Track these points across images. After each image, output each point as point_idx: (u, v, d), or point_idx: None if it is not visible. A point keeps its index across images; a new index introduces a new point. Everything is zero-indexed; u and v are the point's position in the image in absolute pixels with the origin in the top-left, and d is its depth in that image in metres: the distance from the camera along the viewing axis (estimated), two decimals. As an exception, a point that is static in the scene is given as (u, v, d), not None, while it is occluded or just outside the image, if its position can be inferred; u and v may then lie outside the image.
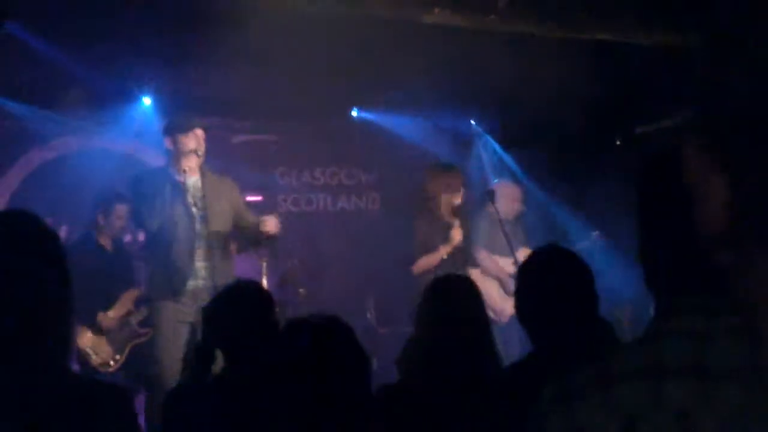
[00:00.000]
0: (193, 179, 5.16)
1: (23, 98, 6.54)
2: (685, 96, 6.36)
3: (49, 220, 2.20)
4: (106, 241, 6.07)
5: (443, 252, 5.91)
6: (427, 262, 5.90)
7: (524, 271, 2.58)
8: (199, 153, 5.16)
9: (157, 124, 6.99)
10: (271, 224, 5.20)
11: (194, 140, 5.15)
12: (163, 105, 6.96)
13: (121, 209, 6.01)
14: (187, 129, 5.17)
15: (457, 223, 5.95)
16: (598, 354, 1.37)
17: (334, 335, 2.15)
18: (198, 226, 5.07)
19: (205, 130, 5.28)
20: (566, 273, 2.46)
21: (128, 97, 6.86)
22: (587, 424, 1.15)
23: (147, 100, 6.99)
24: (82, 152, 7.03)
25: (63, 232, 6.03)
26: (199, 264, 5.06)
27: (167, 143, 5.20)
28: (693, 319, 1.19)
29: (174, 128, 5.22)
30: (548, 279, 2.47)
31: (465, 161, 7.92)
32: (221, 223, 5.16)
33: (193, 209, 5.09)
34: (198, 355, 2.83)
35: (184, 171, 5.10)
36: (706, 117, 1.00)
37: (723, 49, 0.95)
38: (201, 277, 5.06)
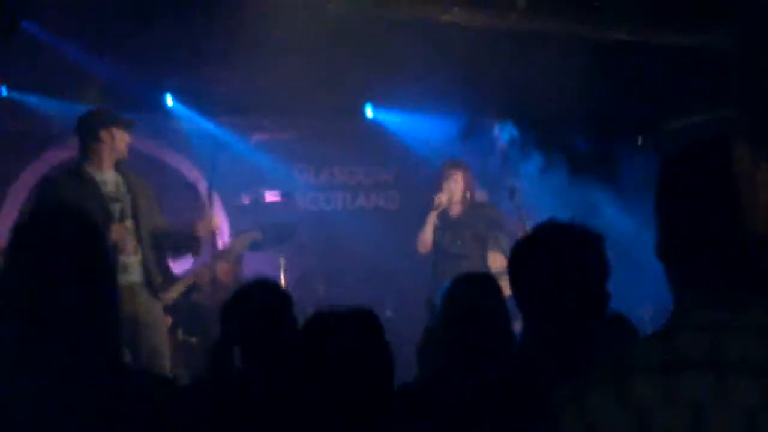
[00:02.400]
0: (112, 174, 4.90)
1: (43, 94, 6.57)
2: (707, 95, 6.34)
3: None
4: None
5: (432, 217, 6.01)
6: (422, 235, 6.04)
7: (520, 248, 2.25)
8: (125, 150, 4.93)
9: (178, 123, 7.02)
10: (204, 227, 5.09)
11: (127, 136, 4.91)
12: (184, 104, 6.99)
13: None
14: (123, 124, 4.91)
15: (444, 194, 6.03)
16: (609, 348, 1.37)
17: (360, 330, 2.12)
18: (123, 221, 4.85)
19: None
20: (567, 252, 2.14)
21: (149, 96, 6.88)
22: (601, 419, 1.16)
23: (169, 100, 7.01)
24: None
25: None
26: (129, 259, 4.85)
27: (103, 136, 4.83)
28: (712, 314, 1.20)
29: (111, 121, 4.88)
30: (544, 258, 2.15)
31: (484, 159, 7.90)
32: (148, 217, 4.96)
33: (114, 204, 4.84)
34: (216, 352, 2.84)
35: (109, 166, 4.87)
36: (748, 116, 1.00)
37: (761, 49, 0.96)
38: (134, 272, 4.86)
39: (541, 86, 6.42)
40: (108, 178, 4.87)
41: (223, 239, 6.18)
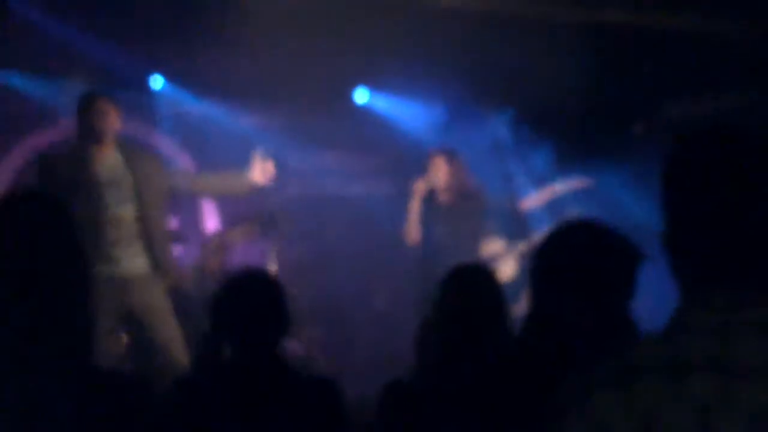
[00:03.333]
0: (111, 155, 4.65)
1: (29, 75, 6.49)
2: (710, 81, 6.30)
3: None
4: None
5: (414, 206, 5.91)
6: (407, 225, 5.93)
7: (544, 245, 2.27)
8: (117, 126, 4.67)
9: (166, 106, 6.93)
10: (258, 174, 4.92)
11: (100, 116, 4.59)
12: (173, 87, 6.90)
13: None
14: (113, 101, 4.64)
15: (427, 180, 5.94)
16: (607, 343, 1.35)
17: None
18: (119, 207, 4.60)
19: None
20: (582, 250, 2.16)
21: (137, 77, 6.79)
22: (607, 420, 1.15)
23: (158, 82, 6.91)
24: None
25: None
26: (124, 250, 4.60)
27: (96, 115, 4.57)
28: (720, 314, 1.18)
29: (103, 100, 4.63)
30: (563, 253, 2.17)
31: (479, 145, 7.85)
32: (154, 198, 4.70)
33: (110, 190, 4.57)
34: (205, 345, 2.77)
35: (107, 146, 4.62)
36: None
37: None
38: (131, 262, 4.62)
39: (539, 72, 6.37)
40: (106, 160, 4.62)
41: (213, 226, 6.10)
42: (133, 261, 4.59)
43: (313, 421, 2.54)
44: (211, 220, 6.60)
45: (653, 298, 2.54)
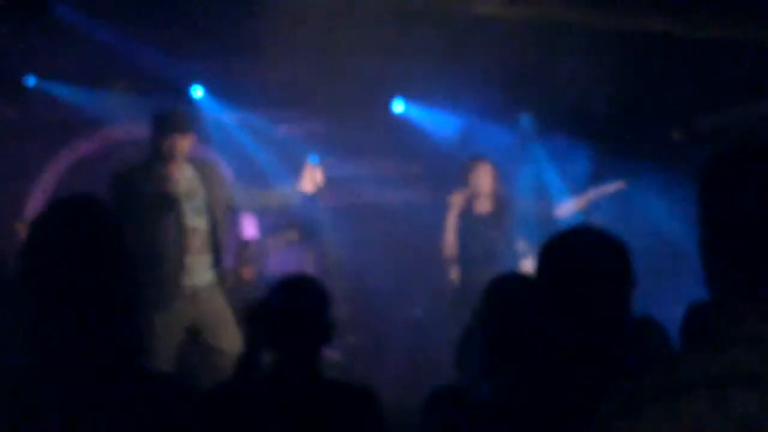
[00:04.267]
0: (185, 170, 4.84)
1: (71, 83, 6.59)
2: (745, 89, 6.24)
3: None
4: None
5: (451, 218, 5.90)
6: (445, 237, 5.92)
7: (546, 251, 2.25)
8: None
9: (205, 114, 7.02)
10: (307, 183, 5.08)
11: (182, 139, 4.76)
12: (212, 96, 6.98)
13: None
14: (186, 121, 4.81)
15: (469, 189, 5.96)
16: (651, 357, 1.34)
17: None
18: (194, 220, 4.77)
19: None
20: (593, 256, 2.14)
21: (178, 86, 6.86)
22: None
23: (198, 91, 6.99)
24: (125, 143, 7.04)
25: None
26: (195, 259, 4.76)
27: (172, 136, 4.74)
28: (762, 326, 1.18)
29: (181, 121, 4.79)
30: (570, 261, 2.16)
31: (514, 154, 7.83)
32: (222, 211, 4.89)
33: (185, 204, 4.75)
34: (248, 352, 2.79)
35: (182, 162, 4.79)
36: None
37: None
38: (199, 273, 4.78)
39: (572, 80, 6.35)
40: (182, 175, 4.81)
41: (250, 234, 6.15)
42: (204, 270, 4.77)
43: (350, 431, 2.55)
44: (249, 228, 6.65)
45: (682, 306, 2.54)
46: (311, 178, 5.12)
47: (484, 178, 5.98)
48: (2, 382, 1.68)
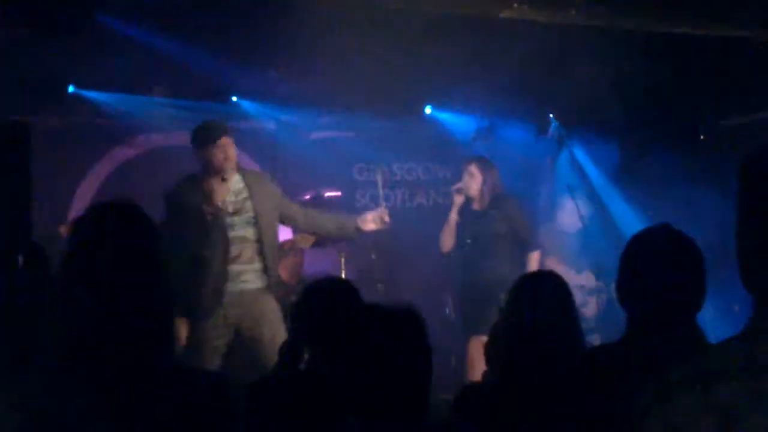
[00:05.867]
0: (234, 182, 4.99)
1: (110, 90, 6.69)
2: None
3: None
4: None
5: (453, 214, 6.05)
6: (442, 234, 6.08)
7: (633, 247, 2.40)
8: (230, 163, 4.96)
9: (239, 120, 7.12)
10: (370, 222, 5.16)
11: (222, 151, 4.90)
12: (250, 102, 7.07)
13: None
14: (228, 134, 4.97)
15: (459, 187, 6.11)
16: (690, 351, 1.37)
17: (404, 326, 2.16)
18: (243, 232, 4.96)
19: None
20: (677, 256, 2.28)
21: (214, 94, 6.97)
22: (684, 423, 1.16)
23: (236, 97, 7.10)
24: (165, 149, 7.14)
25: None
26: (244, 267, 4.95)
27: (214, 147, 4.90)
28: None
29: (222, 131, 4.96)
30: (656, 259, 2.30)
31: (543, 157, 7.88)
32: (270, 222, 5.06)
33: (233, 217, 4.93)
34: (285, 350, 2.88)
35: (230, 174, 4.96)
36: None
37: None
38: (249, 279, 4.97)
39: (602, 82, 6.38)
40: (230, 186, 4.96)
41: (285, 236, 6.24)
42: (255, 278, 4.96)
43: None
44: (284, 229, 6.77)
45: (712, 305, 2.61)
46: (378, 220, 5.17)
47: (468, 181, 6.12)
48: (37, 382, 1.73)
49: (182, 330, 5.04)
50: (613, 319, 5.56)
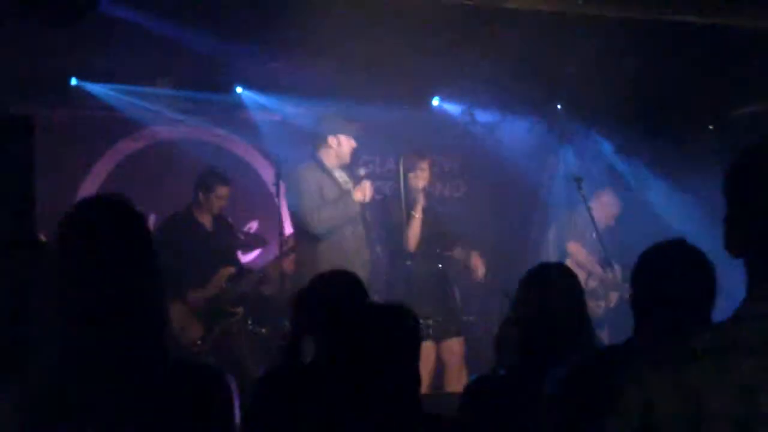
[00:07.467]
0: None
1: (113, 83, 6.67)
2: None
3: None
4: (205, 218, 6.18)
5: (417, 217, 5.98)
6: (411, 227, 5.99)
7: (647, 259, 2.45)
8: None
9: (245, 113, 7.09)
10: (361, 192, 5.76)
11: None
12: (253, 93, 7.04)
13: (223, 190, 6.13)
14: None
15: (420, 196, 6.03)
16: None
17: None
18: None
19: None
20: (690, 268, 2.34)
21: (218, 84, 6.94)
22: (656, 400, 1.21)
23: (238, 89, 7.07)
24: (169, 142, 7.15)
25: (150, 222, 6.15)
26: None
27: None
28: None
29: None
30: (670, 269, 2.36)
31: (550, 149, 7.83)
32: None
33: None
34: (288, 343, 2.86)
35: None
36: None
37: None
38: None
39: (608, 72, 6.34)
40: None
41: (291, 230, 6.22)
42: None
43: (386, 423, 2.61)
44: (290, 223, 6.74)
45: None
46: (363, 190, 5.84)
47: (418, 173, 6.09)
48: (39, 380, 1.72)
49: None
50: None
